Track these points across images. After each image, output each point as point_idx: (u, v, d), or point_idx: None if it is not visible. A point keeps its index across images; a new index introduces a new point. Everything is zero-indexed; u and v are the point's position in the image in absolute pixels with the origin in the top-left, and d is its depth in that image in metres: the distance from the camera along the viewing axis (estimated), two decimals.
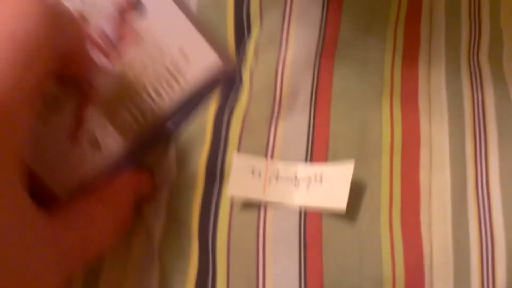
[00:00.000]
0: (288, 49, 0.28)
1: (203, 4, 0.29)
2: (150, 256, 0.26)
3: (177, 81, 0.26)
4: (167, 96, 0.26)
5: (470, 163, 0.26)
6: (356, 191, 0.26)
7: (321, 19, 0.29)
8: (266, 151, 0.27)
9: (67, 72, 0.24)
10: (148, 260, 0.26)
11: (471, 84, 0.28)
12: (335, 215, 0.25)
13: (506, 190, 0.25)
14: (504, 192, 0.25)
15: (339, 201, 0.25)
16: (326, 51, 0.29)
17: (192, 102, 0.27)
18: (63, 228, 0.22)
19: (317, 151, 0.27)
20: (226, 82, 0.28)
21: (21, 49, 0.18)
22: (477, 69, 0.28)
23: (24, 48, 0.18)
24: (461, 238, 0.25)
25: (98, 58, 0.26)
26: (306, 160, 0.27)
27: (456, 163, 0.26)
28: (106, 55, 0.26)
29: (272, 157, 0.27)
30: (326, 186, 0.25)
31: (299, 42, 0.29)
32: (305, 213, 0.26)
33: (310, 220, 0.25)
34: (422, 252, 0.24)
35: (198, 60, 0.26)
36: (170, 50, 0.26)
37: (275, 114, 0.28)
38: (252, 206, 0.26)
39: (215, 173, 0.26)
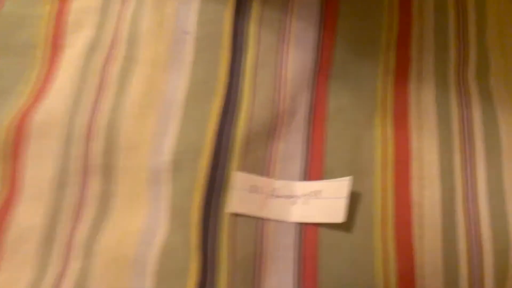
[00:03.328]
0: (287, 67, 0.30)
1: (202, 20, 0.32)
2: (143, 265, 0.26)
3: None
4: None
5: (459, 178, 0.27)
6: (351, 206, 0.27)
7: (317, 42, 0.31)
8: (264, 169, 0.28)
9: None
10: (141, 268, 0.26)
11: (459, 102, 0.29)
12: (331, 231, 0.27)
13: (493, 203, 0.26)
14: (491, 205, 0.26)
15: (337, 215, 0.26)
16: (322, 72, 0.31)
17: None
18: None
19: (313, 168, 0.28)
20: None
21: None
22: (465, 87, 0.30)
23: None
24: (451, 250, 0.26)
25: None
26: (302, 177, 0.28)
27: (445, 177, 0.27)
28: None
29: (270, 175, 0.28)
30: (323, 201, 0.27)
31: (296, 62, 0.31)
32: (301, 229, 0.27)
33: (306, 236, 0.27)
34: (414, 263, 0.25)
35: None
36: None
37: (276, 130, 0.29)
38: (252, 220, 0.27)
39: (214, 186, 0.28)
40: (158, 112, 0.30)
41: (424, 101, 0.29)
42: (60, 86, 0.31)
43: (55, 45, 0.33)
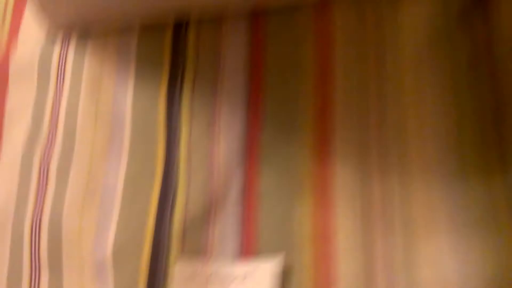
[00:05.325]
0: (220, 153, 0.31)
1: (137, 107, 0.32)
2: None
3: None
4: None
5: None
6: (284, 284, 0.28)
7: (245, 127, 0.32)
8: (203, 252, 0.30)
9: None
10: None
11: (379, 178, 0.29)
12: None
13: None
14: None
15: None
16: (252, 154, 0.31)
17: None
18: None
19: (246, 247, 0.29)
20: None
21: None
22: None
23: None
24: None
25: None
26: (238, 257, 0.29)
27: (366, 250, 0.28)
28: None
29: (209, 258, 0.29)
30: (254, 285, 0.28)
31: (227, 147, 0.31)
32: None
33: None
34: None
35: None
36: None
37: (212, 214, 0.30)
38: None
39: (156, 278, 0.29)
40: (98, 204, 0.31)
41: (343, 175, 0.29)
42: (1, 185, 0.32)
43: None
